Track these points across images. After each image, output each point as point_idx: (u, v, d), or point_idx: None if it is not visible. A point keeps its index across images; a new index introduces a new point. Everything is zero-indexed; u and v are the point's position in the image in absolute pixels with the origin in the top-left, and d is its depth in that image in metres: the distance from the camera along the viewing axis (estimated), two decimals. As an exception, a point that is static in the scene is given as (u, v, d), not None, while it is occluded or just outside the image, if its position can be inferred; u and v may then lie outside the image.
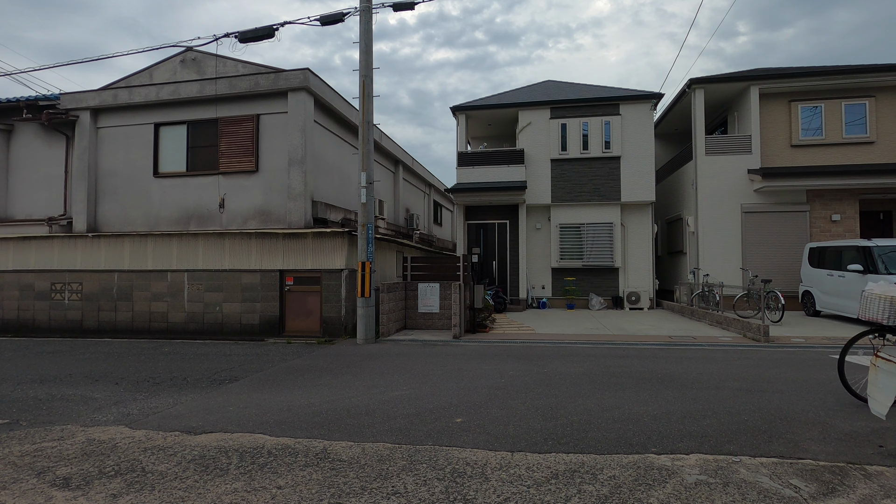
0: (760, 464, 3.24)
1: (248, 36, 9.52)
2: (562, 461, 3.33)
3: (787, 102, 13.71)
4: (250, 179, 10.68)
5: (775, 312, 10.47)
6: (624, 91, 15.33)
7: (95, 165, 11.48)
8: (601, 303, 14.32)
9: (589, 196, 14.73)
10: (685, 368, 6.37)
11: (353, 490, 2.93)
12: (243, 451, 3.61)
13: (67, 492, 2.97)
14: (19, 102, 11.71)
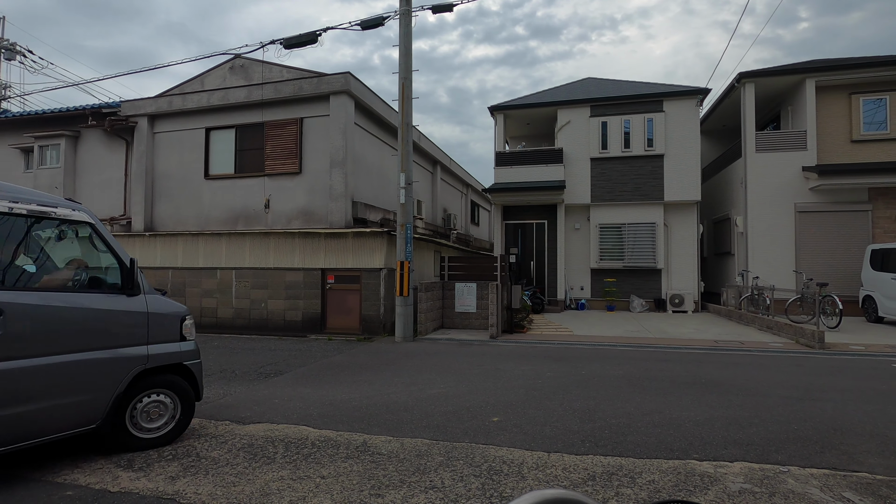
0: (811, 475, 3.11)
1: (293, 42, 9.86)
2: (599, 463, 3.31)
3: (847, 95, 12.92)
4: (294, 181, 11.06)
5: (832, 318, 9.91)
6: (668, 87, 14.87)
7: (152, 168, 12.18)
8: (642, 305, 13.95)
9: (630, 195, 14.38)
10: (731, 374, 6.15)
11: (392, 482, 3.02)
12: (288, 441, 3.78)
13: (131, 472, 3.21)
14: (85, 110, 12.57)
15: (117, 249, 3.66)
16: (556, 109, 15.25)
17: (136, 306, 3.63)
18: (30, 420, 3.01)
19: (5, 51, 20.11)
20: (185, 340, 3.96)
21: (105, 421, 3.39)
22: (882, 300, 10.58)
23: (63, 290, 3.41)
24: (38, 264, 3.40)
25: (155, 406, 3.69)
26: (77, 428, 3.26)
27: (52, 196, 3.50)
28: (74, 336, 3.27)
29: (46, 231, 3.43)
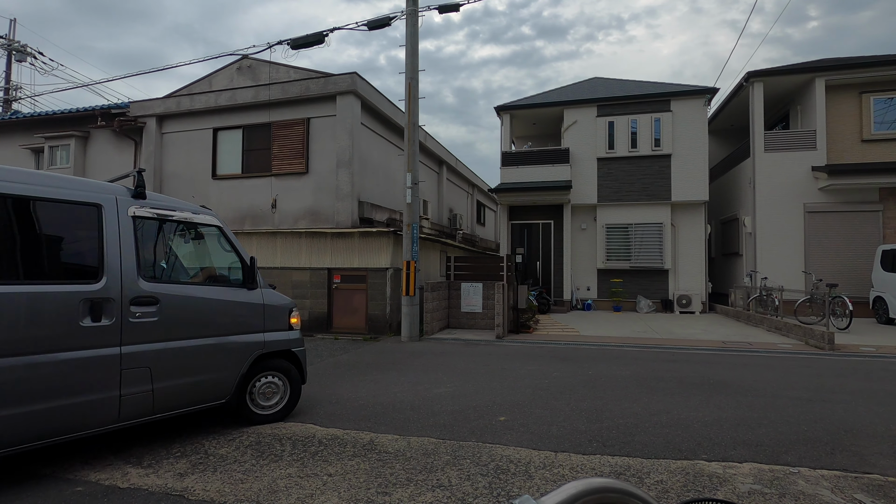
0: (821, 476, 3.08)
1: (300, 43, 9.89)
2: (607, 463, 3.30)
3: (857, 94, 12.79)
4: (300, 181, 11.10)
5: (842, 319, 9.81)
6: (675, 86, 14.79)
7: (160, 169, 12.27)
8: (649, 305, 13.88)
9: (637, 195, 14.31)
10: (739, 375, 6.10)
11: (399, 481, 3.02)
12: (295, 439, 3.79)
13: (140, 469, 3.24)
14: (94, 111, 12.69)
15: (239, 249, 4.25)
16: (562, 109, 15.21)
17: (255, 298, 4.20)
18: (182, 392, 3.64)
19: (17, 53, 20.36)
20: (292, 330, 4.51)
21: (233, 397, 4.00)
22: (893, 301, 10.46)
23: (200, 283, 4.05)
24: (182, 262, 4.08)
25: (269, 386, 4.26)
26: (214, 401, 3.90)
27: (191, 204, 4.12)
28: (210, 323, 3.88)
29: (187, 233, 4.07)
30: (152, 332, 3.47)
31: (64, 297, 3.09)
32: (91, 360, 3.16)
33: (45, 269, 3.16)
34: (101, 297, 3.24)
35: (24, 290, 2.96)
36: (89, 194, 3.35)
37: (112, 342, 3.27)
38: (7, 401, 2.81)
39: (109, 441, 3.76)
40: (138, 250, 3.49)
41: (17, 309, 2.91)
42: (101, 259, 3.29)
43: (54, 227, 3.28)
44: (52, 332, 3.03)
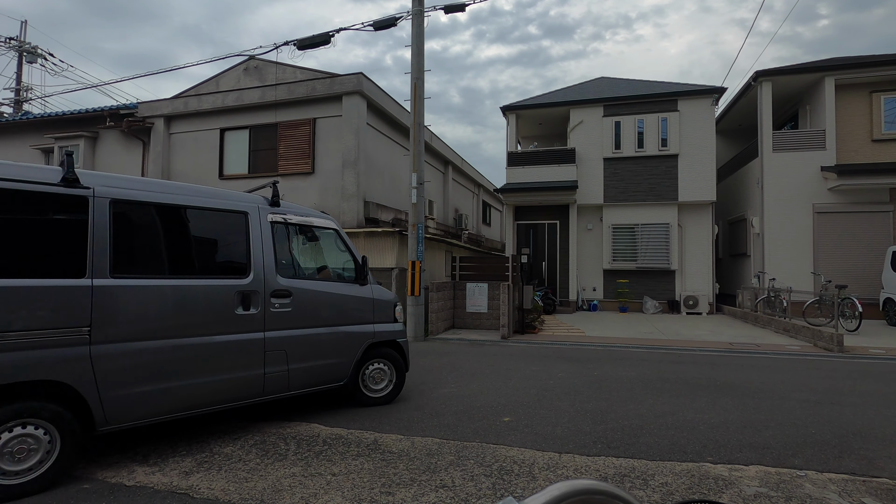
0: (829, 479, 3.05)
1: (306, 43, 9.93)
2: (611, 465, 3.28)
3: (867, 94, 12.66)
4: (307, 181, 11.15)
5: (851, 321, 9.71)
6: (682, 86, 14.70)
7: (168, 169, 12.37)
8: (656, 306, 13.81)
9: (644, 196, 14.24)
10: (746, 376, 6.05)
11: (402, 481, 3.02)
12: (300, 438, 3.81)
13: (146, 467, 3.26)
14: (103, 112, 12.81)
15: (353, 249, 4.79)
16: (568, 109, 15.17)
17: (366, 293, 4.73)
18: (310, 373, 4.22)
19: (27, 54, 20.59)
20: (397, 322, 4.99)
21: (349, 380, 4.55)
22: (904, 303, 10.33)
23: (322, 279, 4.61)
24: (307, 260, 4.78)
25: (377, 372, 4.78)
26: (334, 382, 4.46)
27: (314, 210, 4.76)
28: (331, 314, 4.43)
29: (311, 235, 4.70)
30: (287, 321, 4.07)
31: (225, 289, 3.74)
32: (244, 342, 3.81)
33: (210, 265, 3.91)
34: (249, 290, 3.86)
35: (198, 283, 3.64)
36: (239, 204, 4.01)
37: (258, 328, 3.89)
38: (192, 372, 3.51)
39: (115, 439, 3.79)
40: (275, 250, 4.08)
41: (196, 298, 3.60)
42: (249, 258, 3.92)
43: (215, 232, 3.99)
44: (218, 317, 3.69)
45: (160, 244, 3.65)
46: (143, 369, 3.30)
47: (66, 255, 3.13)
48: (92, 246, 3.17)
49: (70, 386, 3.01)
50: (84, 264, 3.14)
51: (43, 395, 2.96)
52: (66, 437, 2.98)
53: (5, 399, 2.82)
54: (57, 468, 2.93)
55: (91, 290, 3.12)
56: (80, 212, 3.18)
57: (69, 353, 3.02)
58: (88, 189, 3.23)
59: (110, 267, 3.23)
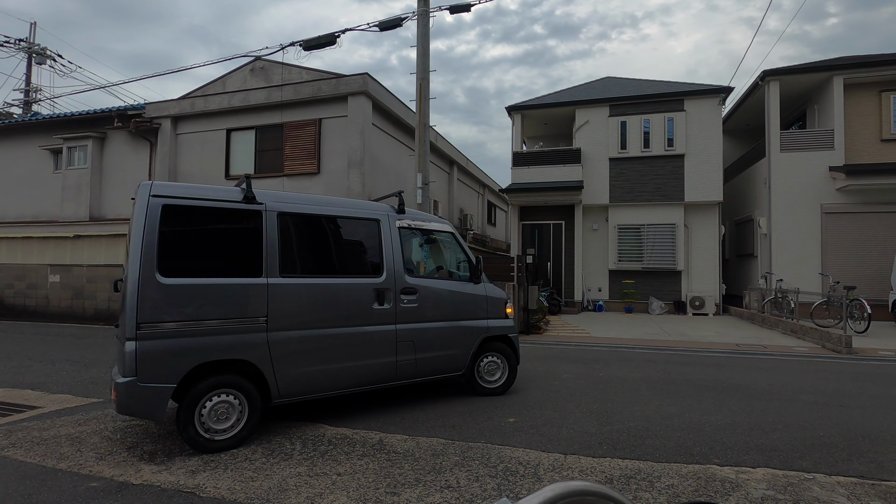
0: (837, 483, 3.02)
1: (312, 44, 9.96)
2: (617, 467, 3.27)
3: (877, 93, 12.54)
4: (312, 181, 11.18)
5: (860, 322, 9.62)
6: (689, 86, 14.62)
7: (175, 169, 12.44)
8: (662, 307, 13.73)
9: (650, 196, 14.17)
10: (753, 378, 6.01)
11: (407, 481, 3.03)
12: (306, 438, 3.82)
13: (153, 465, 3.28)
14: (111, 112, 12.90)
15: (467, 250, 5.23)
16: (574, 109, 15.12)
17: (480, 291, 5.12)
18: (433, 362, 4.71)
19: (37, 55, 20.78)
20: (507, 318, 5.29)
21: (466, 370, 4.97)
22: (913, 304, 10.22)
23: (441, 278, 5.08)
24: (428, 261, 5.40)
25: (491, 364, 5.14)
26: (453, 372, 4.90)
27: (432, 215, 5.33)
28: (449, 309, 4.87)
29: (430, 238, 5.25)
30: (414, 315, 4.59)
31: (364, 287, 4.36)
32: (380, 332, 4.39)
33: (351, 266, 4.54)
34: (383, 288, 4.43)
35: (343, 281, 4.30)
36: (372, 212, 4.61)
37: (390, 321, 4.46)
38: (340, 357, 4.16)
39: (122, 437, 3.82)
40: (402, 252, 4.64)
41: (342, 294, 4.24)
42: (382, 259, 4.49)
43: (355, 237, 4.62)
44: (359, 311, 4.30)
45: (314, 248, 4.37)
46: (304, 353, 3.99)
47: (248, 258, 3.87)
48: (266, 250, 3.89)
49: (254, 365, 3.76)
50: (261, 266, 3.86)
51: (235, 371, 3.72)
52: (252, 405, 3.72)
53: (213, 372, 3.62)
54: (246, 430, 3.69)
55: (267, 288, 3.85)
56: (257, 223, 3.91)
57: (253, 339, 3.76)
58: (262, 204, 3.97)
59: (279, 268, 3.93)
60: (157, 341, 3.43)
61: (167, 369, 3.44)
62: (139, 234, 3.49)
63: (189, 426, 3.48)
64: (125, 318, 3.39)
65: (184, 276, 3.59)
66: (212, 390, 3.57)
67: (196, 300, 3.58)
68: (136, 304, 3.39)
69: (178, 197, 3.68)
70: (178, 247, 3.67)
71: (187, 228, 3.74)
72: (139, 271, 3.44)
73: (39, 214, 13.75)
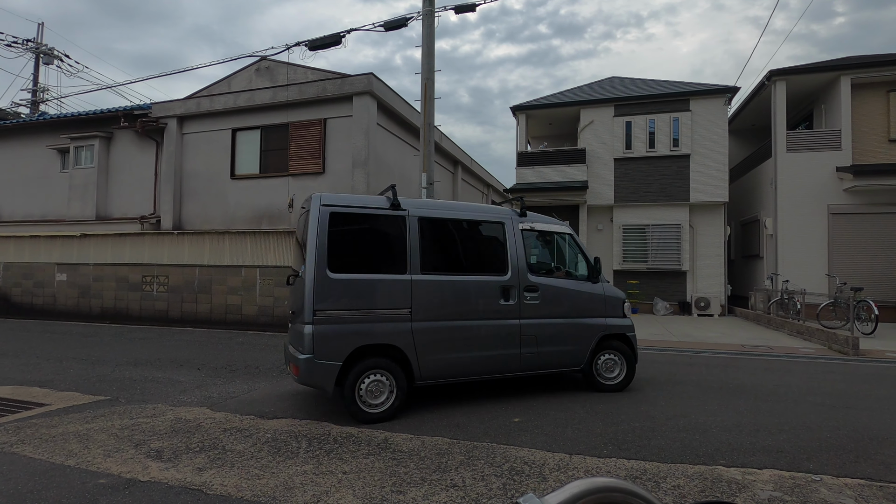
0: (844, 485, 3.01)
1: (318, 44, 9.98)
2: (622, 467, 3.26)
3: (884, 93, 12.45)
4: (317, 181, 11.20)
5: (867, 324, 9.55)
6: (695, 86, 14.56)
7: (180, 169, 12.50)
8: (667, 308, 13.69)
9: (655, 196, 14.12)
10: (759, 380, 5.98)
11: (413, 480, 3.03)
12: (311, 436, 3.83)
13: (160, 463, 3.30)
14: (117, 112, 12.97)
15: (585, 250, 5.50)
16: (578, 109, 15.09)
17: (598, 290, 5.36)
18: (553, 356, 5.05)
19: (44, 56, 20.93)
20: (626, 317, 5.46)
21: (585, 366, 5.20)
22: (921, 306, 10.14)
23: (560, 277, 5.33)
24: (548, 261, 5.67)
25: (609, 362, 5.29)
26: (572, 367, 5.19)
27: (551, 217, 5.58)
28: (568, 307, 5.16)
29: (550, 239, 5.60)
30: (536, 311, 4.94)
31: (491, 284, 4.80)
32: (506, 326, 4.81)
33: (480, 265, 4.99)
34: (508, 285, 4.83)
35: (473, 278, 4.79)
36: (497, 216, 5.06)
37: (515, 316, 4.84)
38: (471, 347, 4.67)
39: (130, 434, 3.85)
40: (525, 252, 5.02)
41: (472, 290, 4.74)
42: (507, 259, 4.90)
43: (482, 239, 5.10)
44: (487, 306, 4.76)
45: (448, 249, 4.92)
46: (441, 341, 4.55)
47: (395, 257, 4.50)
48: (409, 251, 4.49)
49: (401, 349, 4.37)
50: (406, 264, 4.47)
51: (385, 355, 4.35)
52: (399, 384, 4.33)
53: (368, 355, 4.28)
54: (394, 406, 4.30)
55: (410, 283, 4.45)
56: (401, 227, 4.53)
57: (401, 327, 4.39)
58: (405, 210, 4.59)
59: (420, 266, 4.50)
60: (328, 326, 4.17)
61: (336, 349, 4.16)
62: (314, 238, 4.22)
63: (352, 400, 4.17)
64: (303, 307, 4.14)
65: (346, 272, 4.31)
66: (368, 370, 4.23)
67: (356, 292, 4.31)
68: (313, 295, 4.13)
69: (341, 205, 4.43)
70: (341, 247, 4.36)
71: (348, 232, 4.46)
72: (314, 268, 4.18)
73: (47, 213, 13.85)
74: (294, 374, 4.29)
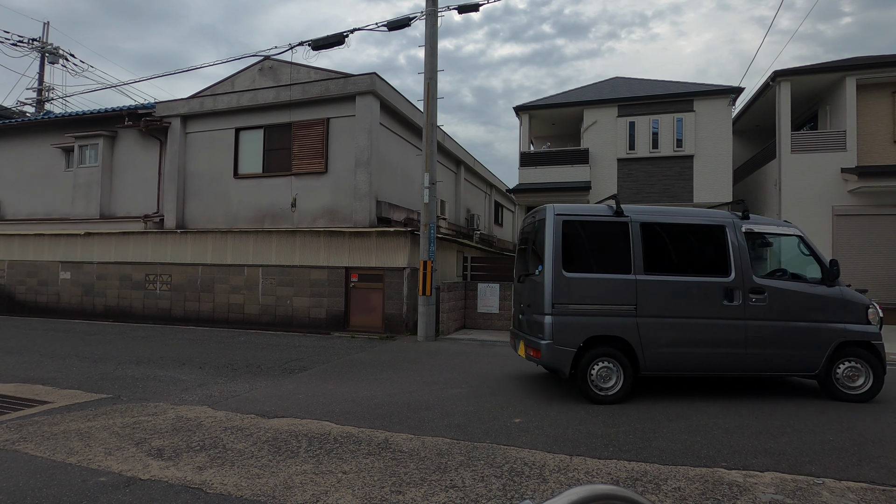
0: (847, 488, 2.98)
1: (321, 44, 10.00)
2: (623, 468, 3.25)
3: (890, 94, 12.36)
4: (320, 180, 11.22)
5: (871, 326, 9.48)
6: (699, 86, 14.51)
7: (184, 168, 12.54)
8: (669, 309, 13.62)
9: (658, 197, 14.07)
10: (762, 381, 5.95)
11: (412, 480, 3.03)
12: (312, 436, 3.83)
13: (161, 461, 3.31)
14: (121, 111, 13.03)
15: (818, 252, 5.36)
16: (582, 109, 15.06)
17: (834, 294, 5.18)
18: (782, 359, 5.02)
19: (49, 55, 21.03)
20: (869, 324, 5.16)
21: (820, 372, 5.04)
22: (926, 308, 10.07)
23: (788, 279, 5.26)
24: (774, 263, 5.88)
25: (852, 370, 5.05)
26: (802, 372, 5.12)
27: (776, 219, 5.72)
28: (800, 310, 5.09)
29: (776, 241, 5.70)
30: (762, 313, 5.00)
31: (714, 285, 5.02)
32: (729, 326, 4.97)
33: (701, 266, 5.19)
34: (731, 286, 5.00)
35: (694, 279, 5.05)
36: (717, 219, 5.24)
37: (739, 316, 4.97)
38: (692, 343, 4.95)
39: (131, 432, 3.86)
40: (749, 255, 5.11)
41: (694, 290, 5.02)
42: (729, 261, 5.06)
43: (703, 242, 5.30)
44: (709, 305, 4.98)
45: (670, 251, 5.22)
46: (663, 337, 4.91)
47: (620, 259, 5.00)
48: (632, 253, 4.96)
49: (627, 342, 4.88)
50: (630, 265, 4.96)
51: (612, 345, 4.89)
52: (626, 373, 4.82)
53: (597, 344, 4.88)
54: (622, 391, 4.81)
55: (635, 283, 4.93)
56: (625, 231, 5.03)
57: (627, 322, 4.90)
58: (627, 217, 5.07)
59: (643, 267, 4.95)
60: (563, 317, 4.88)
61: (570, 337, 4.84)
62: (550, 242, 4.97)
63: (584, 382, 4.81)
64: (543, 301, 4.92)
65: (578, 271, 4.96)
66: (597, 358, 4.82)
67: (587, 289, 4.93)
68: (552, 290, 4.88)
69: (570, 214, 5.12)
70: (573, 250, 5.03)
71: (578, 237, 5.12)
72: (552, 268, 4.91)
73: (51, 212, 13.92)
74: (535, 356, 5.01)
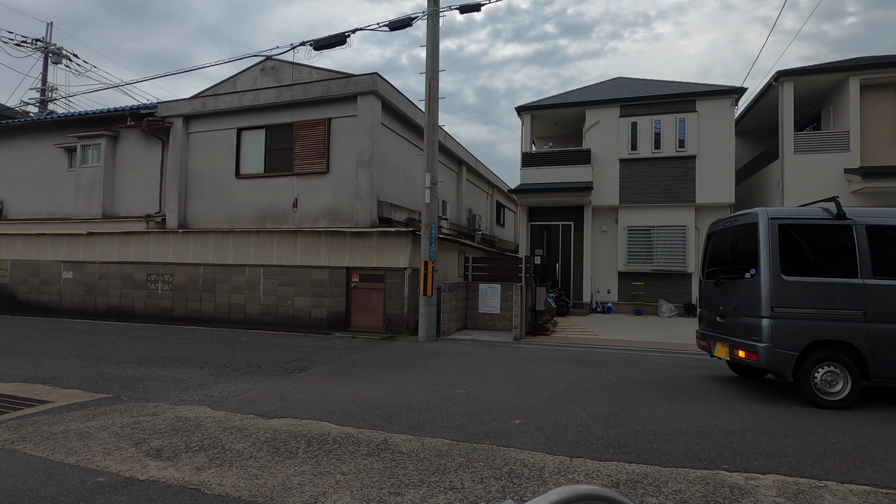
0: (849, 491, 2.96)
1: (322, 44, 10.00)
2: (623, 470, 3.23)
3: (894, 94, 12.32)
4: (321, 180, 11.22)
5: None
6: (701, 86, 14.46)
7: (186, 168, 12.55)
8: (671, 310, 13.60)
9: (660, 197, 14.04)
10: (764, 384, 5.92)
11: (411, 482, 3.01)
12: (311, 437, 3.82)
13: (159, 461, 3.30)
14: (124, 111, 13.05)
15: None
16: (584, 109, 15.04)
17: None
18: None
19: (53, 55, 21.10)
20: None
21: None
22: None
23: None
24: None
25: None
26: None
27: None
28: None
29: None
30: None
31: None
32: None
33: None
34: None
35: None
36: None
37: None
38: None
39: (130, 433, 3.85)
40: None
41: None
42: None
43: None
44: None
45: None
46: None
47: (843, 262, 4.89)
48: (859, 257, 4.83)
49: (855, 347, 4.75)
50: (856, 269, 4.83)
51: (839, 350, 4.78)
52: (854, 379, 4.69)
53: (821, 348, 4.79)
54: (850, 398, 4.69)
55: (864, 287, 4.79)
56: (848, 234, 4.91)
57: (854, 327, 4.76)
58: (851, 220, 4.94)
59: (872, 271, 4.80)
60: (783, 321, 4.84)
61: (792, 341, 4.79)
62: (766, 245, 4.96)
63: (808, 386, 4.77)
64: (759, 304, 4.92)
65: (797, 274, 4.91)
66: (821, 362, 4.74)
67: (809, 293, 4.85)
68: (769, 293, 4.87)
69: (786, 217, 5.06)
70: (791, 253, 4.96)
71: (796, 240, 5.03)
72: (769, 272, 4.89)
73: (54, 211, 13.96)
74: (747, 358, 5.00)
